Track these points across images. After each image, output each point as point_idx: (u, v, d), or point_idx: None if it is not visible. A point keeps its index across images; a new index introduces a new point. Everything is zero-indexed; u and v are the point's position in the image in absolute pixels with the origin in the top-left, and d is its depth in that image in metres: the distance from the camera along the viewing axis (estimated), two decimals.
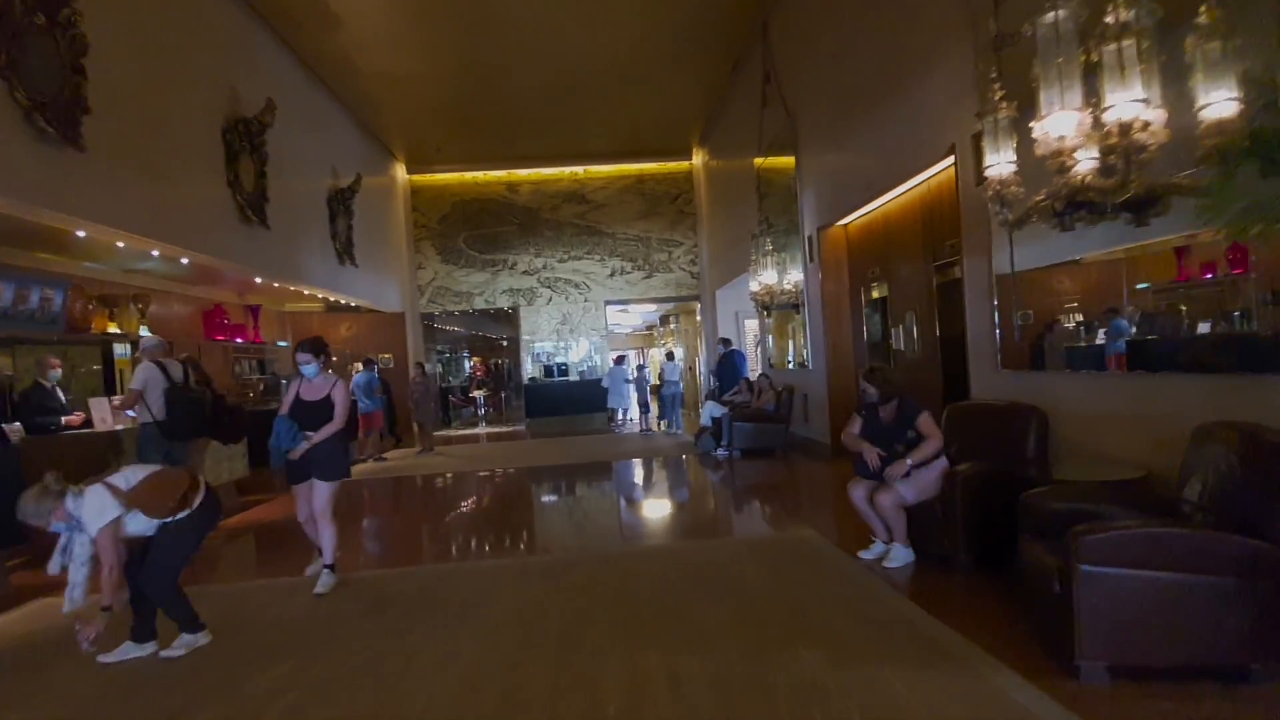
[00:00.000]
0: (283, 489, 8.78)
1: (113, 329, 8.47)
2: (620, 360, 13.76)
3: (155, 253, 7.67)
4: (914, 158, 5.92)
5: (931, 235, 6.31)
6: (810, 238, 8.60)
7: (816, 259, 8.46)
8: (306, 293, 11.44)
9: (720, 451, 9.23)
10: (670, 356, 13.64)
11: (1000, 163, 4.06)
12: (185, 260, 7.78)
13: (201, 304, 10.51)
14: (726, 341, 13.20)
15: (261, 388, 9.73)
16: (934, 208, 6.23)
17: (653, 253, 15.82)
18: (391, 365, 14.59)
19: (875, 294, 7.72)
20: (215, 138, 7.87)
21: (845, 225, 8.23)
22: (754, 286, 10.13)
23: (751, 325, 15.58)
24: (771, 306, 9.83)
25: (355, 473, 9.61)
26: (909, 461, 4.11)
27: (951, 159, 5.32)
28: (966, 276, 5.20)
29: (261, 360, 10.42)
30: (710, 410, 10.69)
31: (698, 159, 15.64)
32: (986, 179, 3.94)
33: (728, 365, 12.78)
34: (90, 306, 8.10)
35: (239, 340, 11.15)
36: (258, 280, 9.34)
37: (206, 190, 7.63)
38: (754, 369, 14.54)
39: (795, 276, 9.27)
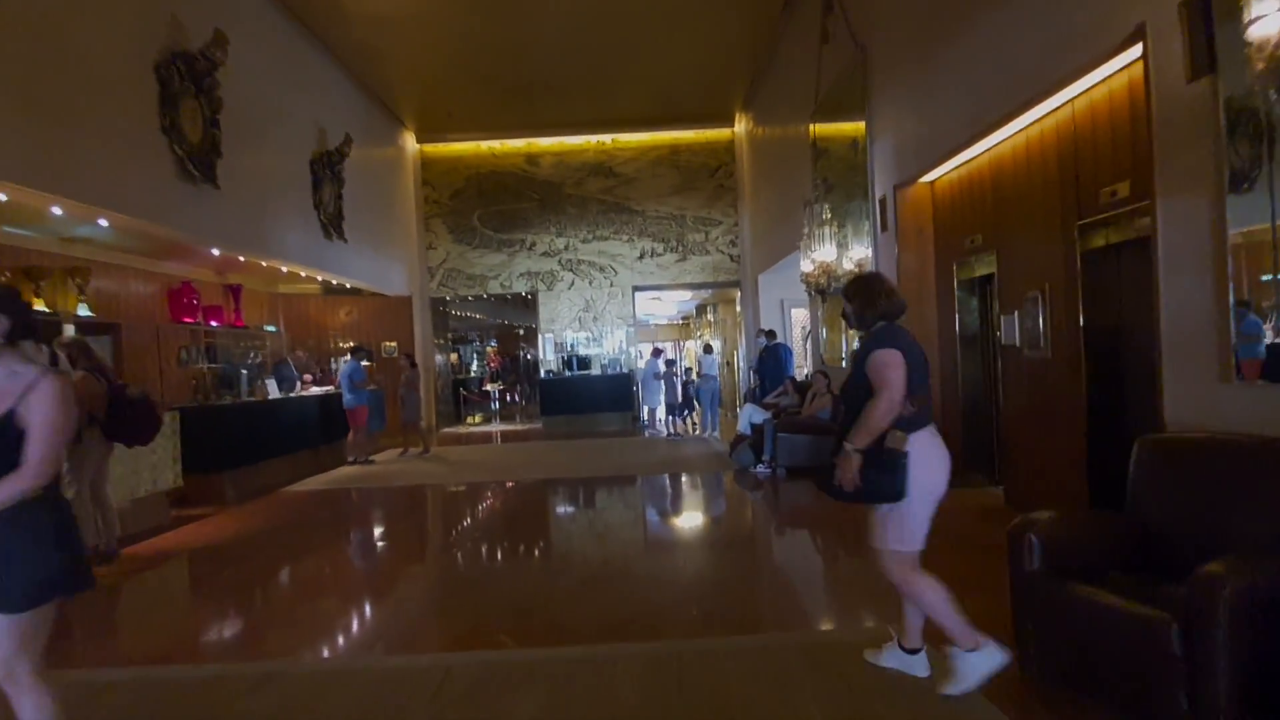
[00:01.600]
0: (238, 498, 7.38)
1: (39, 307, 7.13)
2: (657, 353, 12.11)
3: (103, 221, 6.33)
4: (1054, 64, 4.04)
5: (1076, 181, 4.42)
6: (883, 200, 6.72)
7: (891, 227, 6.59)
8: (304, 274, 10.06)
9: (761, 469, 7.46)
10: (708, 350, 11.93)
11: (1270, 13, 2.31)
12: (104, 222, 6.36)
13: (166, 281, 9.19)
14: (770, 333, 11.35)
15: (213, 380, 8.34)
16: (1083, 140, 4.33)
17: (687, 233, 14.04)
18: (397, 354, 13.19)
19: (973, 270, 5.83)
20: (145, 73, 6.42)
21: (932, 182, 6.34)
22: (806, 266, 8.29)
23: (799, 315, 13.67)
24: (828, 290, 7.97)
25: (323, 481, 8.20)
26: (848, 446, 2.49)
27: (1136, 50, 3.44)
28: (1161, 234, 3.33)
29: (212, 346, 8.97)
30: (749, 414, 8.90)
31: (740, 126, 13.76)
32: (1247, 56, 2.11)
33: (770, 361, 10.95)
34: (4, 278, 6.78)
35: (214, 324, 9.83)
36: (214, 253, 7.91)
37: (130, 136, 6.18)
38: (800, 366, 12.67)
39: (860, 252, 7.41)
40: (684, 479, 7.78)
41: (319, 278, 10.44)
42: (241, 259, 8.45)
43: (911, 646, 2.70)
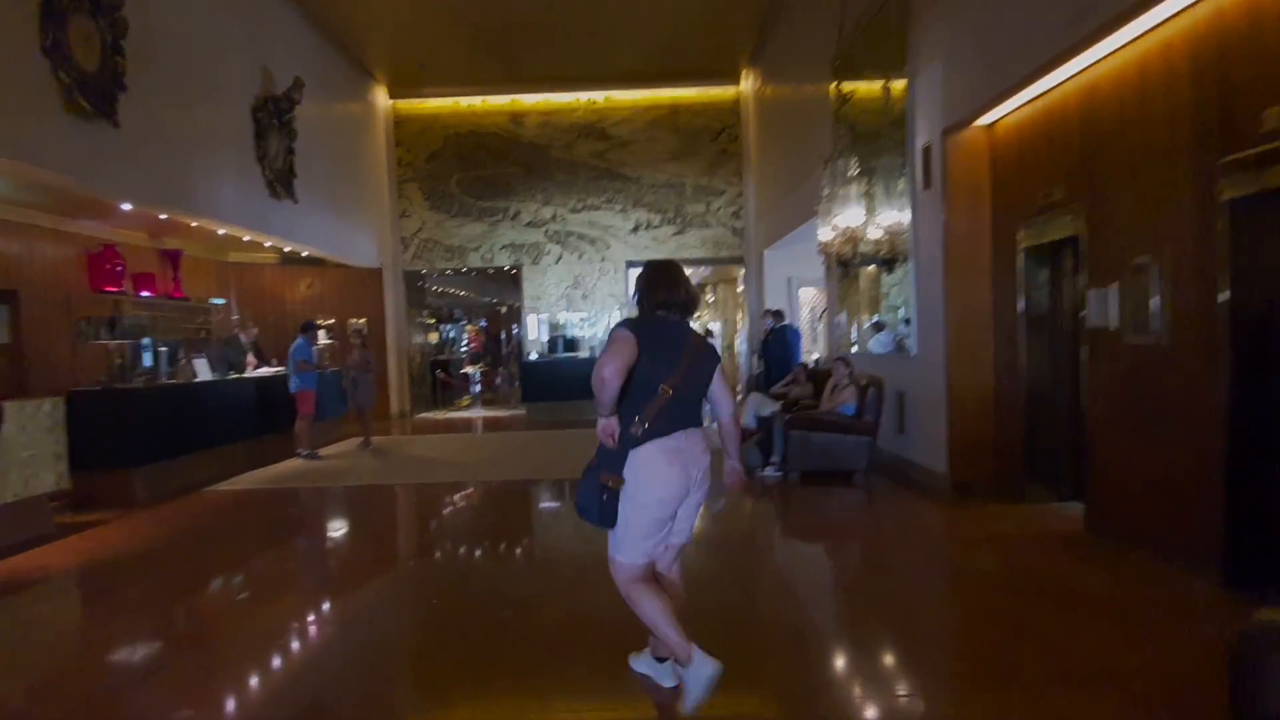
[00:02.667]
0: (151, 499, 6.23)
1: None
2: None
3: None
4: None
5: (1219, 103, 3.23)
6: (926, 150, 5.51)
7: (936, 183, 5.38)
8: (246, 238, 8.83)
9: (769, 471, 6.31)
10: (708, 333, 10.71)
11: None
12: None
13: (85, 244, 7.94)
14: (777, 314, 10.16)
15: (127, 359, 7.11)
16: (1236, 43, 3.13)
17: (687, 203, 12.78)
18: (366, 332, 11.98)
19: (1045, 233, 4.63)
20: None
21: (991, 124, 5.13)
22: (824, 234, 7.09)
23: (808, 295, 12.50)
24: (852, 262, 6.79)
25: (258, 479, 7.01)
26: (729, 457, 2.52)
27: None
28: None
29: (113, 319, 7.66)
30: (755, 406, 7.74)
31: (747, 84, 12.45)
32: None
33: (777, 345, 9.78)
34: None
35: (146, 294, 8.59)
36: (124, 207, 6.66)
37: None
38: (808, 351, 11.50)
39: (892, 216, 6.21)
40: None
41: (267, 243, 9.19)
42: (163, 216, 7.19)
43: (660, 655, 2.55)
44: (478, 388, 13.80)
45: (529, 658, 2.91)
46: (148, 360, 7.03)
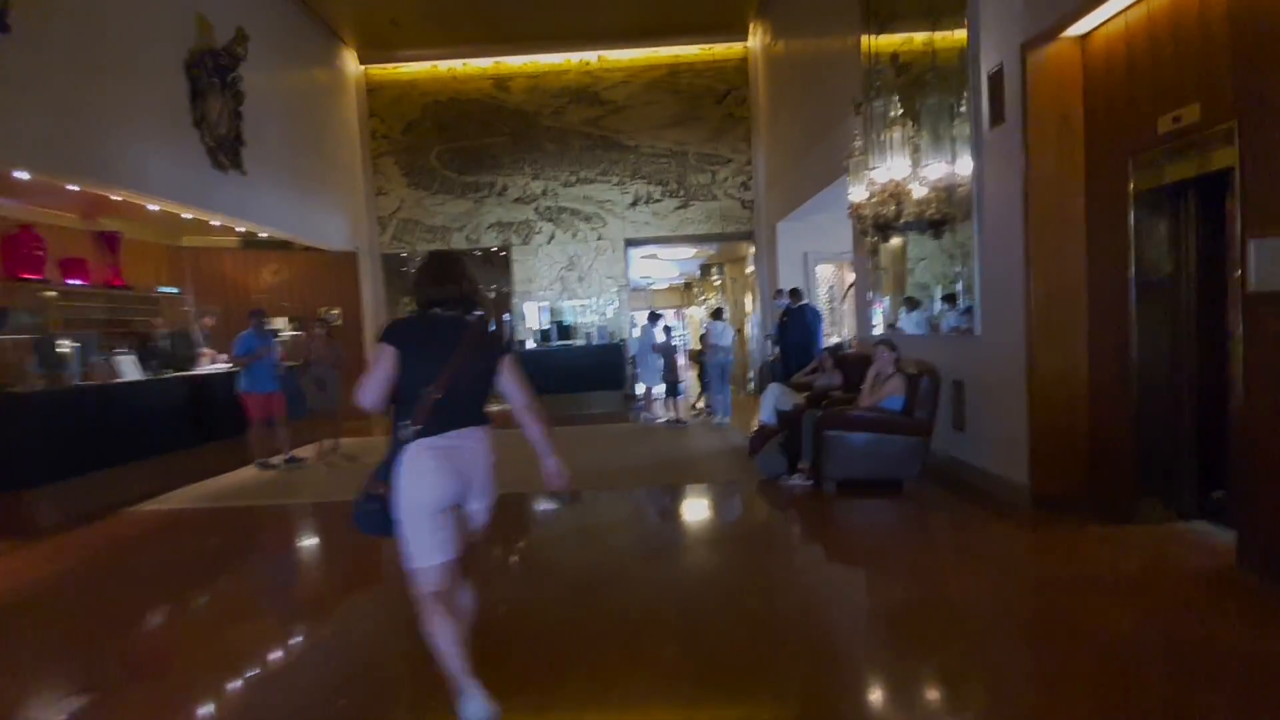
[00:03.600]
0: (57, 524, 5.18)
1: None
2: (654, 318, 9.73)
3: None
4: None
5: None
6: (995, 75, 4.37)
7: (1013, 115, 4.24)
8: (187, 215, 7.75)
9: (796, 480, 5.22)
10: (718, 314, 9.59)
11: None
12: None
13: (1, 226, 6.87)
14: (795, 292, 9.07)
15: (30, 356, 6.00)
16: None
17: (690, 173, 11.61)
18: (340, 323, 10.92)
19: (1166, 172, 3.51)
20: None
21: (1085, 35, 3.98)
22: (856, 194, 5.97)
23: (826, 272, 11.36)
24: (893, 226, 5.66)
25: (192, 496, 5.92)
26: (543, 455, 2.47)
27: None
28: None
29: (3, 310, 6.51)
30: (774, 398, 6.66)
31: (755, 39, 11.24)
32: None
33: (796, 328, 8.69)
34: None
35: (76, 282, 7.53)
36: (19, 175, 5.55)
37: None
38: (826, 335, 10.37)
39: (942, 168, 5.08)
40: (687, 496, 5.55)
41: (215, 221, 8.09)
42: (72, 188, 6.09)
43: None
44: None
45: None
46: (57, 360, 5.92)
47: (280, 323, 9.76)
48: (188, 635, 3.35)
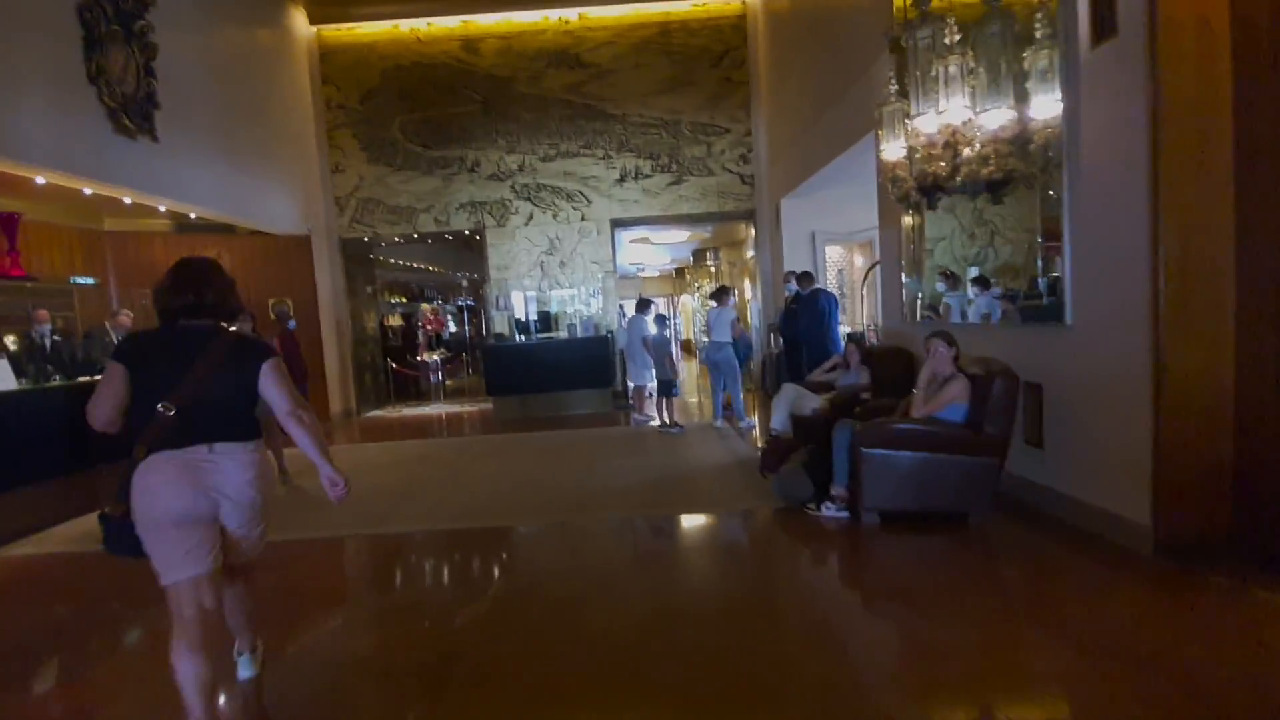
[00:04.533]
0: None
1: None
2: (644, 305, 8.47)
3: None
4: None
5: None
6: None
7: (1135, 22, 3.11)
8: (88, 190, 6.54)
9: (828, 509, 4.12)
10: (721, 295, 7.85)
11: None
12: None
13: None
14: (804, 276, 7.97)
15: None
16: None
17: (683, 145, 10.44)
18: (291, 317, 9.71)
19: None
20: None
21: None
22: (891, 152, 4.84)
23: (836, 255, 10.27)
24: (939, 190, 4.53)
25: (59, 540, 4.68)
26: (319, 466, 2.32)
27: None
28: None
29: None
30: (787, 402, 5.60)
31: None
32: None
33: (807, 316, 7.60)
34: None
35: None
36: None
37: None
38: (847, 323, 9.28)
39: (1003, 115, 3.96)
40: (685, 532, 4.44)
41: (127, 199, 6.87)
42: None
43: (239, 649, 2.55)
44: (439, 378, 11.55)
45: None
46: None
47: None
48: None
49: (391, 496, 5.41)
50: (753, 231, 11.02)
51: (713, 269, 15.73)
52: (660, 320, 8.22)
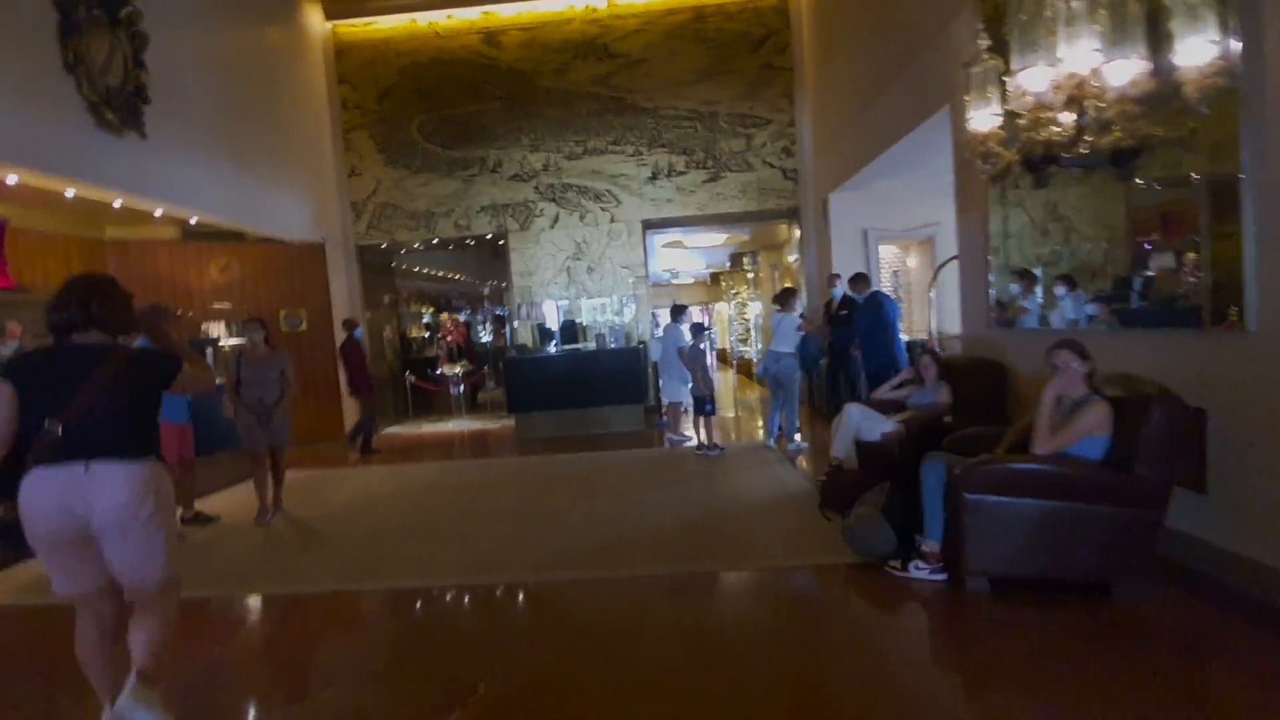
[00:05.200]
0: None
1: None
2: (679, 313, 7.58)
3: None
4: None
5: None
6: None
7: None
8: (71, 193, 6.02)
9: (917, 570, 3.23)
10: (786, 299, 6.88)
11: None
12: None
13: None
14: (859, 279, 7.09)
15: None
16: None
17: (720, 139, 9.63)
18: (304, 327, 9.18)
19: None
20: None
21: None
22: (980, 121, 3.94)
23: (890, 255, 9.32)
24: (1052, 162, 3.63)
25: (11, 587, 4.16)
26: None
27: None
28: None
29: None
30: (854, 425, 4.71)
31: None
32: None
33: (869, 322, 6.70)
34: None
35: None
36: None
37: None
38: (906, 331, 8.28)
39: (1134, 66, 3.03)
40: (737, 593, 3.58)
41: (117, 203, 6.32)
42: None
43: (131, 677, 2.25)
44: (460, 391, 10.89)
45: None
46: None
47: (218, 329, 8.04)
48: None
49: (386, 538, 4.66)
50: (796, 232, 10.13)
51: (750, 275, 14.83)
52: (697, 329, 7.37)
